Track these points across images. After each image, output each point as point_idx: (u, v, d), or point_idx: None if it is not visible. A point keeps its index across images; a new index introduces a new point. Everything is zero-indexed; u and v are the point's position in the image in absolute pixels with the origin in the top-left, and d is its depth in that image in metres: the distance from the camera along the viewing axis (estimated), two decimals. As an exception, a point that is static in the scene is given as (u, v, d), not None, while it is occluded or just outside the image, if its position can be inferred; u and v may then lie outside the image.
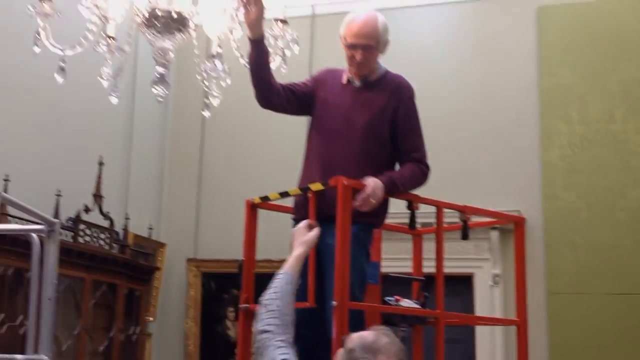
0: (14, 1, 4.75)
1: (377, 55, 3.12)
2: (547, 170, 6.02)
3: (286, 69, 3.06)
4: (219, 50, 2.80)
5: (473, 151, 6.20)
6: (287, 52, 3.01)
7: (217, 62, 2.84)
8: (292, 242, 2.54)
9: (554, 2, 6.23)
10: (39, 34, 2.83)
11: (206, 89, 3.08)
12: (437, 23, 6.55)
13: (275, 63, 3.02)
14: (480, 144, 6.20)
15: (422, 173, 3.13)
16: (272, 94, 3.09)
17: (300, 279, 2.61)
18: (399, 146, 3.11)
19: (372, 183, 2.88)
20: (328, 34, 6.38)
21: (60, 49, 2.87)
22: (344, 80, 3.17)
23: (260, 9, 2.82)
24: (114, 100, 3.01)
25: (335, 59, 3.68)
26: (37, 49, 2.84)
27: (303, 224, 2.62)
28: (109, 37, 2.89)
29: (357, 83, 3.14)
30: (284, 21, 3.00)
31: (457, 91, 6.32)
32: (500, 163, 6.13)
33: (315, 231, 2.62)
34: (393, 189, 2.99)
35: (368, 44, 3.04)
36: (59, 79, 2.89)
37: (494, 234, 5.96)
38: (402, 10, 6.48)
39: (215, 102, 3.10)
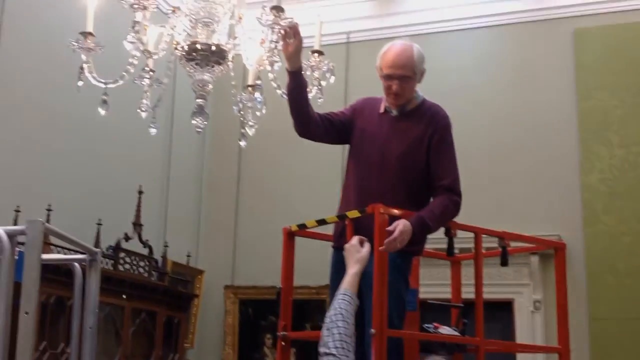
0: (57, 36, 4.88)
1: (414, 85, 3.12)
2: (588, 194, 5.94)
3: (322, 99, 3.08)
4: (259, 82, 2.83)
5: (512, 176, 6.15)
6: (323, 83, 3.03)
7: (257, 94, 2.86)
8: (347, 260, 2.53)
9: (591, 24, 6.19)
10: (82, 68, 2.88)
11: (242, 119, 3.11)
12: (473, 48, 6.54)
13: (311, 93, 3.05)
14: (520, 169, 6.15)
15: (453, 205, 3.05)
16: (310, 124, 3.11)
17: None
18: (431, 172, 3.08)
19: (401, 227, 2.81)
20: (363, 61, 6.43)
21: (103, 83, 2.92)
22: (381, 109, 3.18)
23: (299, 41, 2.85)
24: (152, 131, 3.06)
25: (370, 85, 3.70)
26: (80, 83, 2.90)
27: (355, 240, 2.62)
28: (149, 70, 2.95)
29: (394, 112, 3.15)
30: (320, 52, 3.03)
31: (495, 115, 6.29)
32: (540, 187, 6.07)
33: (368, 247, 2.61)
34: (423, 229, 2.94)
35: (404, 75, 3.05)
36: (102, 111, 2.94)
37: (534, 259, 5.88)
38: (437, 36, 6.50)
39: (251, 131, 3.13)
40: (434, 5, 6.61)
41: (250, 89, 3.09)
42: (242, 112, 3.09)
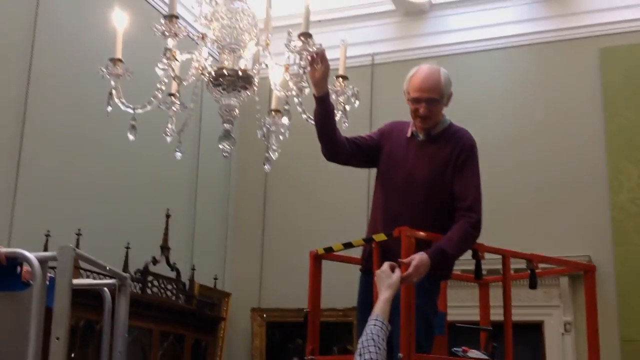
0: (86, 63, 4.96)
1: (441, 109, 3.12)
2: (617, 214, 5.86)
3: (347, 123, 3.09)
4: (286, 107, 2.84)
5: (540, 196, 6.10)
6: (348, 107, 3.04)
7: (284, 118, 2.86)
8: (378, 286, 2.54)
9: (617, 43, 6.15)
10: (111, 94, 2.90)
11: (266, 143, 3.12)
12: (498, 68, 6.52)
13: (336, 117, 3.05)
14: (548, 189, 6.09)
15: (472, 227, 3.01)
16: (337, 149, 3.12)
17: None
18: (454, 193, 3.06)
19: (416, 261, 2.76)
20: (388, 83, 6.46)
21: (132, 108, 2.94)
22: (408, 133, 3.18)
23: (326, 67, 2.86)
24: (178, 156, 3.06)
25: (395, 107, 3.73)
26: (109, 108, 2.91)
27: (386, 266, 2.62)
28: (173, 95, 2.97)
29: (421, 136, 3.15)
30: (344, 77, 3.03)
31: (522, 135, 6.25)
32: (569, 207, 6.01)
33: (399, 273, 2.61)
34: (442, 259, 2.89)
35: (431, 97, 3.06)
36: (131, 137, 2.95)
37: (564, 280, 5.81)
38: (463, 57, 6.51)
39: (274, 155, 3.13)
40: (459, 26, 6.62)
41: (273, 113, 3.11)
42: (266, 137, 3.11)
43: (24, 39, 4.87)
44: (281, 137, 3.17)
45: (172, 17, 2.64)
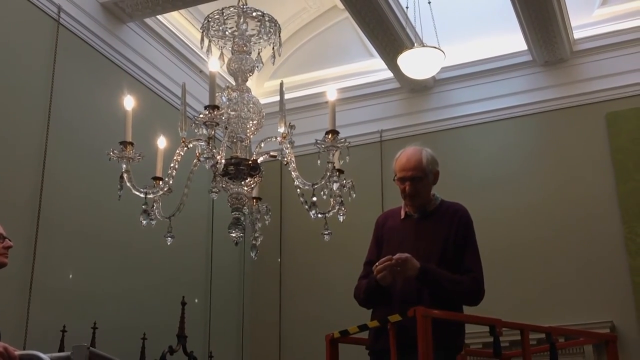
0: (98, 152, 5.03)
1: (428, 185, 3.20)
2: (637, 276, 5.78)
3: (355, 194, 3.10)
4: (314, 200, 2.84)
5: (559, 264, 6.04)
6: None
7: (313, 211, 2.85)
8: None
9: (622, 107, 6.20)
10: (122, 177, 2.91)
11: (253, 231, 3.10)
12: (506, 139, 6.55)
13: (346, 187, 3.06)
14: (565, 257, 6.04)
15: (473, 284, 3.07)
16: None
17: None
18: (456, 266, 3.10)
19: (410, 257, 2.93)
20: (394, 156, 6.51)
21: (144, 192, 2.94)
22: (402, 215, 3.25)
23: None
24: (168, 241, 3.05)
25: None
26: (120, 192, 2.91)
27: None
28: (159, 178, 2.95)
29: (415, 215, 3.21)
30: (340, 171, 3.04)
31: (535, 205, 6.23)
32: (588, 273, 5.95)
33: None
34: (427, 277, 2.98)
35: (415, 176, 3.16)
36: (143, 221, 2.95)
37: (588, 348, 5.68)
38: (469, 129, 6.60)
39: (257, 242, 3.12)
40: (464, 99, 6.72)
41: (254, 201, 3.11)
42: (251, 224, 3.10)
43: (37, 145, 4.92)
44: (260, 225, 3.18)
45: (214, 108, 2.66)
